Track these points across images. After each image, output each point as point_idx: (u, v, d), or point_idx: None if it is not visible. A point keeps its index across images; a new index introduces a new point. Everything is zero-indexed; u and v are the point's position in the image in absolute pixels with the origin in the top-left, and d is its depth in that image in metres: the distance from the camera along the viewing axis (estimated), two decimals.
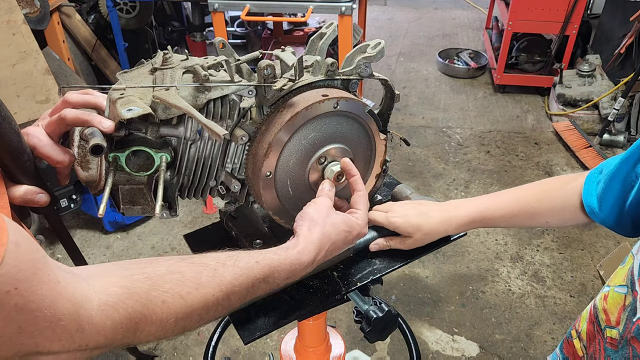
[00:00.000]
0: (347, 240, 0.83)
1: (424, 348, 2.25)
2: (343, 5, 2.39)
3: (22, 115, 2.45)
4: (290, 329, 1.23)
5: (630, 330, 0.70)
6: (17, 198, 0.74)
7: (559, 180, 0.99)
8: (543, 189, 0.98)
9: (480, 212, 0.97)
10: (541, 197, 0.96)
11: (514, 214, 0.97)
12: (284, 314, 0.88)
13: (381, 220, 0.99)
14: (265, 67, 0.78)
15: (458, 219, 0.98)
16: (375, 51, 0.87)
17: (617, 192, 0.84)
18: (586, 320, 0.86)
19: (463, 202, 1.01)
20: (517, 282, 2.58)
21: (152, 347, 2.27)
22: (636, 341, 0.69)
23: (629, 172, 0.81)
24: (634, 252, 0.75)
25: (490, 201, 0.99)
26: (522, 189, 1.00)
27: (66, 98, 0.79)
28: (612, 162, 0.86)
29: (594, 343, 0.82)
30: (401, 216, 0.97)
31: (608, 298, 0.79)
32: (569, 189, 0.94)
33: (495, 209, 0.97)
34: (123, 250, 2.79)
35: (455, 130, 3.93)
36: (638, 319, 0.69)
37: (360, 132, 0.92)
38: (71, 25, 3.38)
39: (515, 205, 0.97)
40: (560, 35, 3.88)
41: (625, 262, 0.78)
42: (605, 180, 0.86)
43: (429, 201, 1.04)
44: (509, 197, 0.98)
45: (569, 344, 0.93)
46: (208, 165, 0.86)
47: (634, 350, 0.69)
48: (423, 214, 0.98)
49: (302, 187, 0.89)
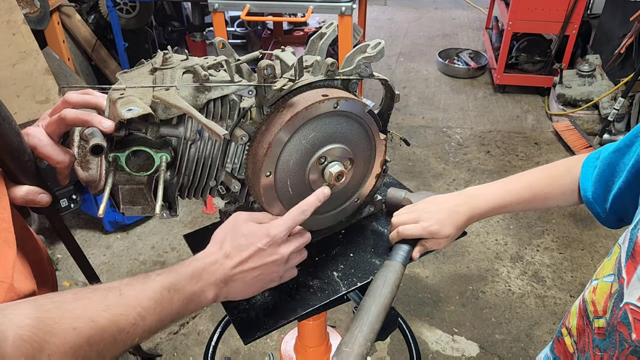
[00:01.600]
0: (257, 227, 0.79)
1: (424, 348, 2.25)
2: (343, 5, 2.39)
3: (22, 115, 2.45)
4: (290, 329, 1.23)
5: (617, 316, 0.71)
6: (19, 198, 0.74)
7: (565, 164, 1.01)
8: (552, 173, 1.01)
9: (498, 201, 0.99)
10: (551, 182, 0.99)
11: (528, 200, 0.99)
12: (284, 314, 0.88)
13: (418, 232, 0.97)
14: (265, 67, 0.78)
15: (480, 210, 1.00)
16: (375, 51, 0.87)
17: (607, 180, 0.87)
18: (576, 316, 0.87)
19: (479, 192, 1.02)
20: (517, 282, 2.58)
21: (153, 347, 2.27)
22: (622, 326, 0.69)
23: (618, 162, 0.84)
24: (620, 242, 0.77)
25: (505, 189, 1.00)
26: (531, 174, 1.02)
27: (66, 98, 0.79)
28: (608, 149, 0.88)
29: (584, 337, 0.83)
30: (436, 222, 0.97)
31: (597, 290, 0.80)
32: (575, 173, 0.96)
33: (511, 198, 0.99)
34: (123, 250, 2.79)
35: (455, 130, 3.93)
36: (625, 304, 0.69)
37: (360, 132, 0.92)
38: (71, 25, 3.38)
39: (529, 192, 0.99)
40: (560, 35, 3.88)
41: (611, 253, 0.79)
42: (600, 167, 0.89)
43: (435, 195, 1.05)
44: (521, 184, 1.00)
45: (559, 343, 0.94)
46: (208, 165, 0.86)
47: (621, 335, 0.70)
48: (452, 213, 0.98)
49: (302, 187, 0.89)
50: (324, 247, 1.02)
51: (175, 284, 0.70)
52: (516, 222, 2.96)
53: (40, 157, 0.76)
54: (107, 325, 0.60)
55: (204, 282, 0.73)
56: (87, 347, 0.58)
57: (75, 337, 0.57)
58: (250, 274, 0.77)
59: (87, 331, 0.58)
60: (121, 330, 0.62)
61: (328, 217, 0.99)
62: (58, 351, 0.55)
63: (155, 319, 0.67)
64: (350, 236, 1.05)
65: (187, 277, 0.72)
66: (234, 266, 0.76)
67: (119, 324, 0.62)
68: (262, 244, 0.77)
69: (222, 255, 0.76)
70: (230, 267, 0.75)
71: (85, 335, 0.58)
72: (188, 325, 2.38)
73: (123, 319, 0.62)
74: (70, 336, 0.56)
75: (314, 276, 0.96)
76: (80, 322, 0.58)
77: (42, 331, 0.54)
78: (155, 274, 0.70)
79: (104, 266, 2.69)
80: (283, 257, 0.80)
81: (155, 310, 0.67)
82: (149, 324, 0.66)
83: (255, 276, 0.78)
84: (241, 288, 0.78)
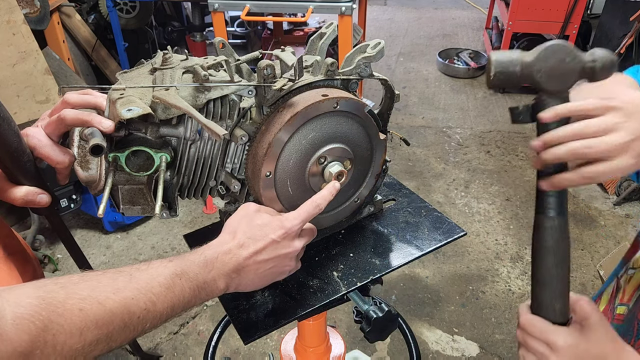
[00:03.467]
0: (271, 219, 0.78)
1: (424, 348, 2.25)
2: (343, 5, 2.39)
3: (22, 115, 2.45)
4: (290, 329, 1.23)
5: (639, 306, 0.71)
6: (19, 199, 0.75)
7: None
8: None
9: None
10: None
11: None
12: (284, 314, 0.88)
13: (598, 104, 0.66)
14: (265, 67, 0.78)
15: None
16: (375, 51, 0.87)
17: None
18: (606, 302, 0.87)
19: None
20: (517, 282, 2.58)
21: (152, 347, 2.27)
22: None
23: None
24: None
25: None
26: None
27: (66, 98, 0.79)
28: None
29: None
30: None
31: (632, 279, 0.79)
32: None
33: None
34: (123, 250, 2.79)
35: (455, 130, 3.93)
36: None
37: (360, 132, 0.92)
38: (71, 25, 3.38)
39: None
40: (560, 35, 3.88)
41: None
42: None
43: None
44: None
45: None
46: (208, 165, 0.86)
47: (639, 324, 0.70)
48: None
49: (302, 187, 0.89)
50: (324, 247, 1.02)
51: (187, 271, 0.69)
52: (516, 222, 2.96)
53: (40, 157, 0.76)
54: (117, 309, 0.59)
55: (217, 271, 0.72)
56: (96, 330, 0.57)
57: (83, 318, 0.56)
58: (264, 266, 0.76)
59: (95, 313, 0.57)
60: (132, 315, 0.61)
61: (328, 217, 0.99)
62: (63, 331, 0.54)
63: (167, 305, 0.66)
64: (350, 236, 1.05)
65: (200, 265, 0.71)
66: (247, 256, 0.74)
67: (129, 308, 0.61)
68: (277, 236, 0.76)
69: (235, 245, 0.75)
70: (244, 257, 0.74)
71: (92, 317, 0.57)
72: (188, 325, 2.38)
73: (134, 303, 0.61)
74: (77, 317, 0.55)
75: (314, 276, 0.96)
76: (87, 304, 0.57)
77: (45, 310, 0.53)
78: (167, 260, 0.70)
79: (104, 266, 2.69)
80: (296, 250, 0.79)
81: (166, 297, 0.65)
82: (160, 310, 0.65)
83: (268, 268, 0.77)
84: (252, 279, 0.77)
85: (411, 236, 1.04)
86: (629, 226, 2.93)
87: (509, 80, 0.69)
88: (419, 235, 1.04)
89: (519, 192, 3.22)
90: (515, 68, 0.68)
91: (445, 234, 1.04)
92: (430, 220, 1.08)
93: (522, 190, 3.23)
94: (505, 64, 0.68)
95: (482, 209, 3.09)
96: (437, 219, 1.08)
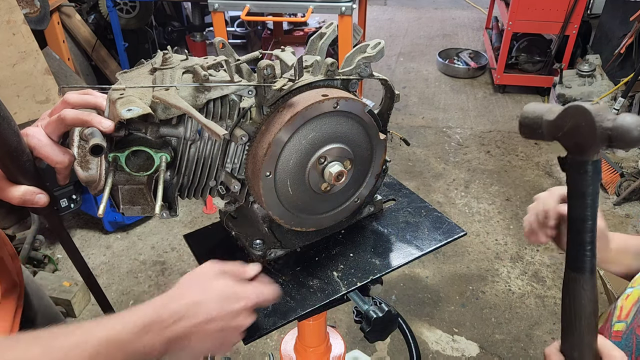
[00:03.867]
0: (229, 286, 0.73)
1: (424, 348, 2.25)
2: (343, 5, 2.39)
3: (22, 115, 2.45)
4: (290, 329, 1.23)
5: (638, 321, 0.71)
6: (16, 198, 0.74)
7: None
8: None
9: None
10: None
11: None
12: (284, 314, 0.88)
13: None
14: (265, 67, 0.78)
15: None
16: (375, 51, 0.87)
17: None
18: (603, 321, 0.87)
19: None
20: (517, 282, 2.58)
21: None
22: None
23: None
24: None
25: None
26: None
27: (66, 98, 0.79)
28: None
29: None
30: None
31: (629, 297, 0.80)
32: None
33: None
34: (123, 250, 2.79)
35: (455, 130, 3.93)
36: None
37: (360, 132, 0.91)
38: (71, 25, 3.38)
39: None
40: (560, 35, 3.88)
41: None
42: None
43: None
44: None
45: None
46: (208, 165, 0.86)
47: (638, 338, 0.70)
48: None
49: (302, 187, 0.89)
50: (324, 247, 1.02)
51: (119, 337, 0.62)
52: (516, 222, 2.96)
53: (40, 157, 0.76)
54: None
55: (154, 335, 0.65)
56: None
57: None
58: (210, 335, 0.71)
59: None
60: None
61: (328, 217, 0.99)
62: None
63: None
64: (350, 236, 1.05)
65: (135, 330, 0.64)
66: (196, 324, 0.69)
67: None
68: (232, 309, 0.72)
69: (184, 307, 0.68)
70: (192, 325, 0.68)
71: None
72: None
73: None
74: None
75: (314, 276, 0.96)
76: None
77: None
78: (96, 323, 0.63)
79: (104, 266, 2.69)
80: (245, 325, 0.75)
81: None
82: None
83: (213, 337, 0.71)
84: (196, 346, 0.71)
85: (411, 236, 1.04)
86: (629, 226, 2.93)
87: (535, 135, 0.70)
88: (419, 235, 1.04)
89: (519, 192, 3.22)
90: (539, 125, 0.68)
91: (445, 234, 1.04)
92: (430, 220, 1.08)
93: (522, 190, 3.23)
94: (530, 119, 0.70)
95: (482, 209, 3.09)
96: (437, 219, 1.08)
